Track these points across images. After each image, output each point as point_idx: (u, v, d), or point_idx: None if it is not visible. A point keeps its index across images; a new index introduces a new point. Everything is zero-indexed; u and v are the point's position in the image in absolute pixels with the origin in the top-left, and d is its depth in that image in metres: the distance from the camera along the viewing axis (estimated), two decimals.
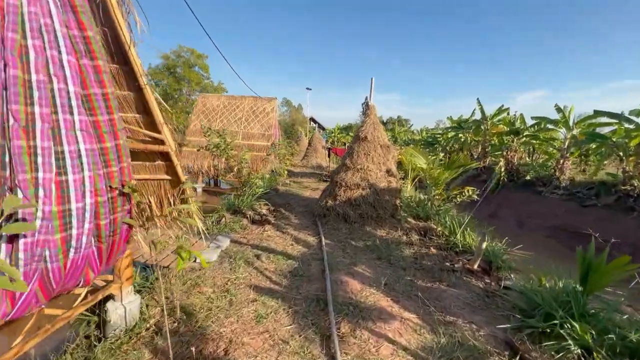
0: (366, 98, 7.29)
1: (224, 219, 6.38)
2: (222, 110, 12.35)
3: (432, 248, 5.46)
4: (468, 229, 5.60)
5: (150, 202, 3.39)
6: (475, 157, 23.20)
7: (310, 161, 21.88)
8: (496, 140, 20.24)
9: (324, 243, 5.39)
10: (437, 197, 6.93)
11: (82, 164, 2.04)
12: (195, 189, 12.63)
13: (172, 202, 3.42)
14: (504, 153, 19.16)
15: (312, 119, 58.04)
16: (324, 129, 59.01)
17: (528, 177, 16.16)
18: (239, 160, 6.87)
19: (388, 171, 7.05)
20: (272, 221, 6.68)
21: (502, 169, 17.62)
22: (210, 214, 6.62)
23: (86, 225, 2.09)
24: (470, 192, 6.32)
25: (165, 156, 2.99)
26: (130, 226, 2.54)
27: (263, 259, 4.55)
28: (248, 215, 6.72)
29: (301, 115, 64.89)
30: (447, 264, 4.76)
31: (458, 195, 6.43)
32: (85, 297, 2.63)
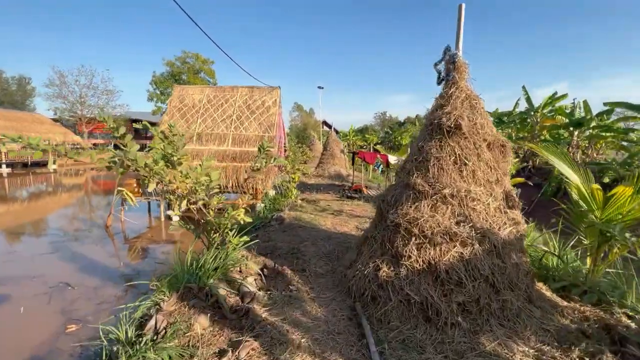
0: (446, 49, 3.59)
1: (153, 321, 2.80)
2: (205, 107, 8.93)
3: None
4: None
5: None
6: (521, 156, 19.63)
7: (327, 169, 18.24)
8: (548, 135, 17.21)
9: None
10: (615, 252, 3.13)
11: None
12: (169, 218, 9.25)
13: None
14: (566, 150, 15.81)
15: (325, 122, 54.44)
16: (337, 132, 55.55)
17: (606, 180, 13.32)
18: (193, 183, 3.31)
19: (507, 198, 3.30)
20: (263, 315, 3.05)
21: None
22: (133, 303, 3.09)
23: None
24: None
25: None
26: None
27: None
28: (214, 301, 3.15)
29: (313, 119, 61.82)
30: None
31: None
32: None
